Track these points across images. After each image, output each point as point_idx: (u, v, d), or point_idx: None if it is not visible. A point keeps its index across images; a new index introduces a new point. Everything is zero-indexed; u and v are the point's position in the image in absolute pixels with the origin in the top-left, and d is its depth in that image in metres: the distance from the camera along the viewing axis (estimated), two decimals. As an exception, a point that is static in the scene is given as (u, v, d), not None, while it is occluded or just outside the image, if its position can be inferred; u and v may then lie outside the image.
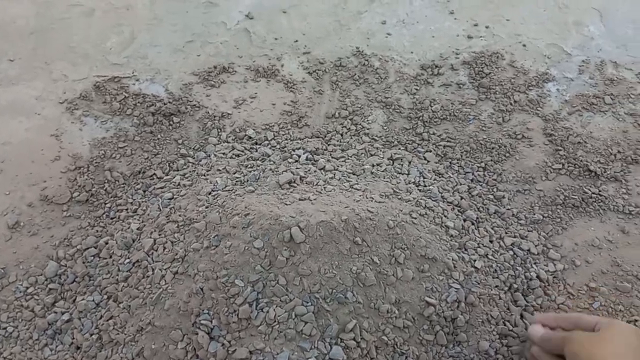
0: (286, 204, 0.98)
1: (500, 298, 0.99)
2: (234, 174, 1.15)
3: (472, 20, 1.68)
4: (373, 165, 1.20)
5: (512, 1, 1.75)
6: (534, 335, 0.85)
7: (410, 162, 1.22)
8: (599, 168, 1.25)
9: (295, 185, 1.08)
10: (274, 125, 1.34)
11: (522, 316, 0.99)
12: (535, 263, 1.09)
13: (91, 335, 0.93)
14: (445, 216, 1.06)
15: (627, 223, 1.17)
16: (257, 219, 0.92)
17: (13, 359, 0.92)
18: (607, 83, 1.47)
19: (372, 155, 1.25)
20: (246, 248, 0.89)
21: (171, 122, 1.33)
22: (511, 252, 1.09)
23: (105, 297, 0.97)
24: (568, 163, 1.27)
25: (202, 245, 0.94)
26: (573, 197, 1.21)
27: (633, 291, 1.05)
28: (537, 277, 1.06)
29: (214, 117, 1.35)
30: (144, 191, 1.17)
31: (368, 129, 1.35)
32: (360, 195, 1.04)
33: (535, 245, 1.12)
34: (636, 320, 1.00)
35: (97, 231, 1.10)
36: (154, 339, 0.87)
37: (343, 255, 0.90)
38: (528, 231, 1.15)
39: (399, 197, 1.06)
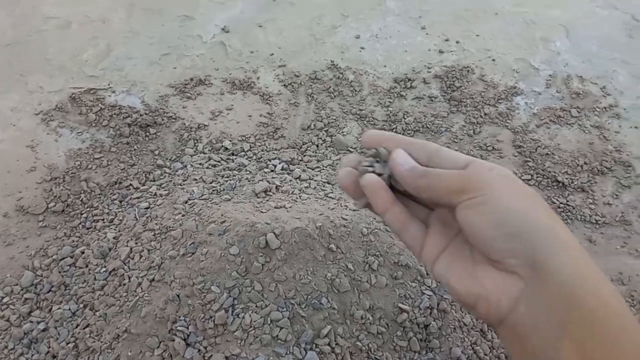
0: (262, 212, 1.00)
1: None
2: (211, 183, 1.16)
3: (443, 36, 1.72)
4: (347, 176, 1.21)
5: (481, 17, 1.80)
6: (401, 163, 0.46)
7: (384, 173, 1.24)
8: (567, 179, 1.29)
9: (271, 194, 1.10)
10: (250, 137, 1.35)
11: None
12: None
13: (67, 343, 0.93)
14: (418, 224, 1.08)
15: (593, 232, 1.20)
16: (233, 226, 0.93)
17: (-12, 368, 0.92)
18: (573, 96, 1.52)
19: (346, 165, 1.27)
20: (222, 255, 0.90)
21: (147, 133, 1.34)
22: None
23: (82, 305, 0.97)
24: (537, 174, 1.31)
25: (179, 253, 0.94)
26: (541, 206, 1.23)
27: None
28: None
29: (191, 128, 1.36)
30: (120, 201, 1.17)
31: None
32: (335, 204, 1.06)
33: (506, 253, 1.14)
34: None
35: (73, 241, 1.10)
36: (130, 346, 0.87)
37: (318, 261, 0.91)
38: (498, 239, 1.17)
39: (373, 205, 1.08)
